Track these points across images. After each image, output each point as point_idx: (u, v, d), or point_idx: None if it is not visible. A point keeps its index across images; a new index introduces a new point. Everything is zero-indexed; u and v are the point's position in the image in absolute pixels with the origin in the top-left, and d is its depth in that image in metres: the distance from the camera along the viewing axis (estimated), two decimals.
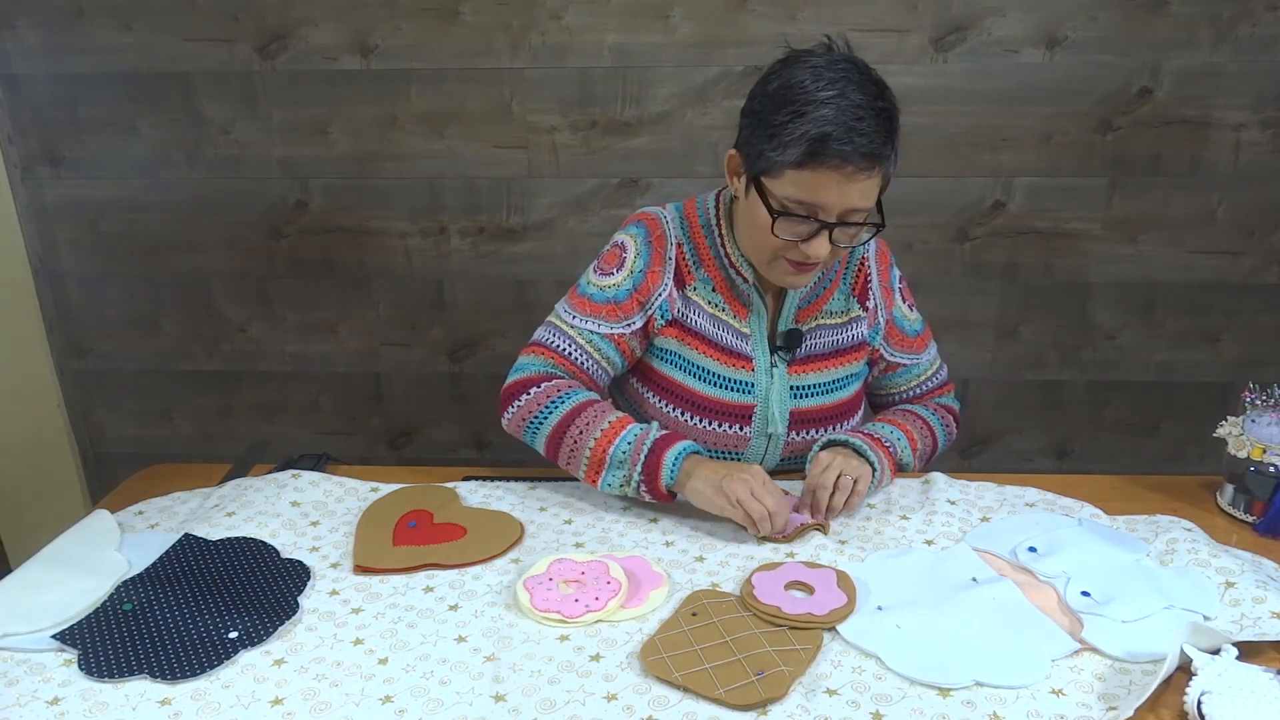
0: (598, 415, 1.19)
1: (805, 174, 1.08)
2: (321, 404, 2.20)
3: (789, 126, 1.07)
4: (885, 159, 1.10)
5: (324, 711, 0.88)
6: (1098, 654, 0.93)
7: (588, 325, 1.26)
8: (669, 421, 1.29)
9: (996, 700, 0.88)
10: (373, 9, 1.87)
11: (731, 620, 0.98)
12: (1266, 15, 1.79)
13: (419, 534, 1.15)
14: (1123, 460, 2.13)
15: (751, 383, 1.27)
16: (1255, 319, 2.01)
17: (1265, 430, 1.17)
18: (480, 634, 0.98)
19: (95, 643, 0.95)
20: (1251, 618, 0.95)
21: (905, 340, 1.36)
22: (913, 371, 1.38)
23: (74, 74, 1.95)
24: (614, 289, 1.26)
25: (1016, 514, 1.19)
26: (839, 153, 1.06)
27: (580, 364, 1.26)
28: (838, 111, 1.05)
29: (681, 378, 1.28)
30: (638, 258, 1.26)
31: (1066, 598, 1.01)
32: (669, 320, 1.27)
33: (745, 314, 1.27)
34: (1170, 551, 1.08)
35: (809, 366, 1.29)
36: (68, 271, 2.11)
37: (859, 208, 1.11)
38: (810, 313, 1.29)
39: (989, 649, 0.94)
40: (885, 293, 1.33)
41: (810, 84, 1.07)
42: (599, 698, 0.89)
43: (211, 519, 1.18)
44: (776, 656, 0.92)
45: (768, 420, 1.27)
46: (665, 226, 1.28)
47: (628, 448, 1.16)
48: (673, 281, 1.26)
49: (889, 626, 0.97)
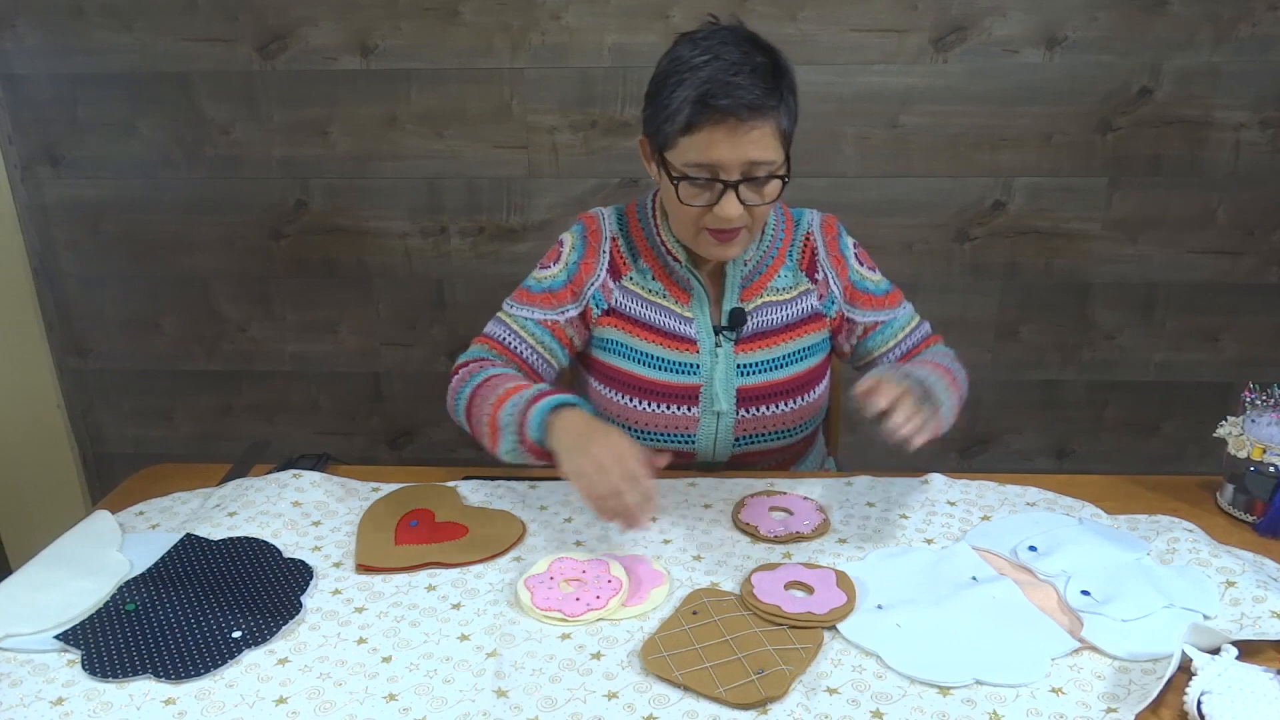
0: (498, 383, 1.21)
1: (695, 136, 1.11)
2: (321, 404, 2.20)
3: (673, 96, 1.12)
4: (771, 109, 1.11)
5: (328, 710, 0.88)
6: (1097, 653, 0.93)
7: (524, 313, 1.32)
8: (618, 409, 1.32)
9: (996, 699, 0.88)
10: (373, 9, 1.88)
11: (732, 619, 0.98)
12: (1266, 15, 1.79)
13: (420, 533, 1.15)
14: (1123, 460, 2.13)
15: (696, 363, 1.29)
16: (1255, 319, 2.01)
17: (1265, 430, 1.17)
18: (483, 631, 0.98)
19: (99, 643, 0.95)
20: (1252, 617, 0.96)
21: (874, 300, 1.35)
22: (893, 326, 1.36)
23: (74, 74, 1.95)
24: (550, 279, 1.32)
25: (1017, 513, 1.20)
26: (719, 107, 1.08)
27: (518, 351, 1.31)
28: (713, 71, 1.09)
29: (626, 365, 1.31)
30: (572, 250, 1.33)
31: (1066, 597, 1.01)
32: (605, 310, 1.32)
33: (686, 299, 1.30)
34: (1171, 551, 1.08)
35: (757, 343, 1.30)
36: (68, 271, 2.11)
37: (758, 160, 1.12)
38: (755, 291, 1.30)
39: (989, 648, 0.94)
40: (835, 261, 1.33)
41: (688, 54, 1.12)
42: (600, 696, 0.89)
43: (213, 519, 1.18)
44: (777, 655, 0.92)
45: (713, 399, 1.29)
46: (601, 223, 1.34)
47: (513, 409, 1.16)
48: (606, 273, 1.31)
49: (889, 625, 0.97)
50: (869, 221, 1.97)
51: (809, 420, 1.36)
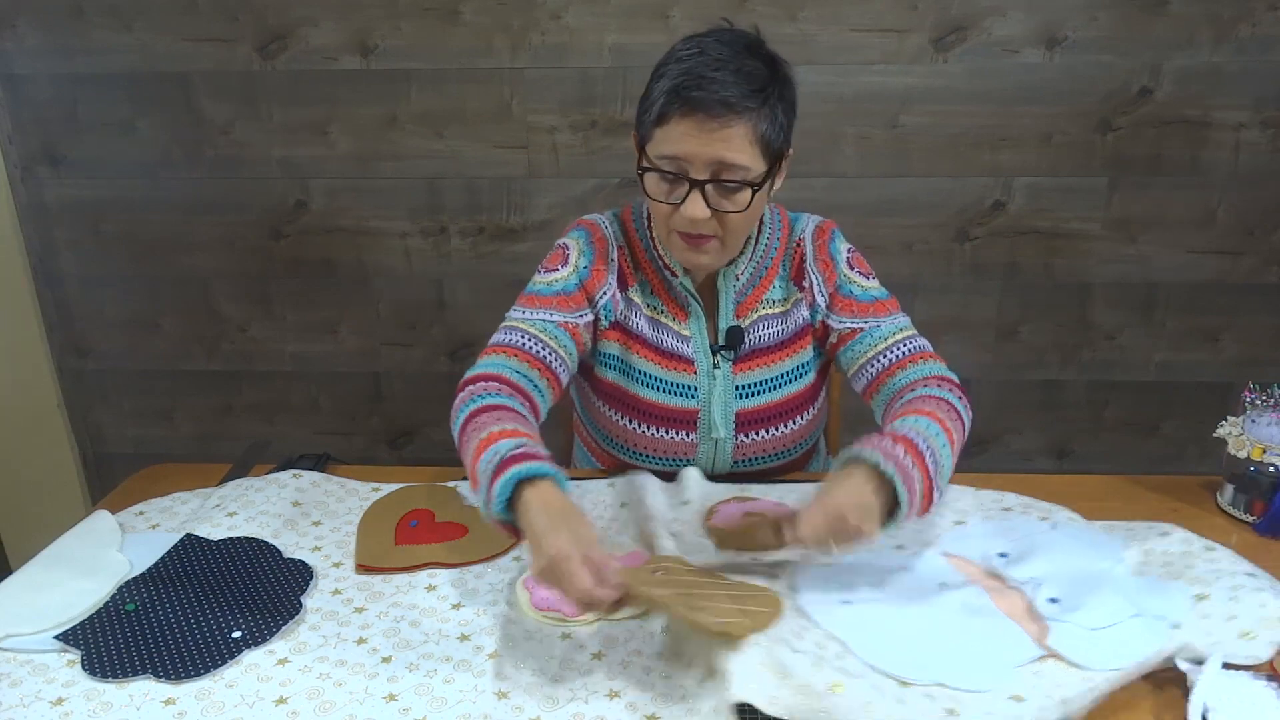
0: (482, 425, 1.03)
1: (667, 128, 1.07)
2: (321, 404, 2.20)
3: (654, 87, 1.09)
4: (748, 110, 1.05)
5: (329, 710, 0.88)
6: (1061, 660, 0.92)
7: (540, 315, 1.21)
8: (618, 430, 1.28)
9: (955, 699, 0.87)
10: (373, 9, 1.88)
11: (694, 582, 0.97)
12: (1266, 15, 1.79)
13: (420, 533, 1.15)
14: (1123, 460, 2.13)
15: (694, 386, 1.24)
16: (1255, 319, 2.01)
17: (1265, 430, 1.17)
18: (483, 632, 0.98)
19: (98, 643, 0.95)
20: (1220, 637, 0.93)
21: (856, 306, 1.25)
22: (872, 335, 1.23)
23: (74, 74, 1.95)
24: (561, 282, 1.24)
25: (991, 519, 1.18)
26: (690, 99, 1.04)
27: (536, 354, 1.18)
28: (694, 65, 1.06)
29: (625, 383, 1.26)
30: (580, 255, 1.25)
31: (1035, 604, 0.99)
32: (612, 323, 1.26)
33: (684, 316, 1.25)
34: (1146, 561, 1.06)
35: (755, 362, 1.25)
36: (68, 271, 2.11)
37: (728, 162, 1.06)
38: (750, 306, 1.25)
39: (952, 652, 0.93)
40: (823, 265, 1.26)
41: (680, 49, 1.09)
42: (601, 695, 0.89)
43: (213, 519, 1.18)
44: (738, 611, 0.92)
45: (710, 426, 1.24)
46: (605, 230, 1.27)
47: (485, 469, 0.97)
48: (616, 283, 1.25)
49: (855, 618, 0.97)
50: (869, 221, 1.97)
51: (808, 438, 1.32)
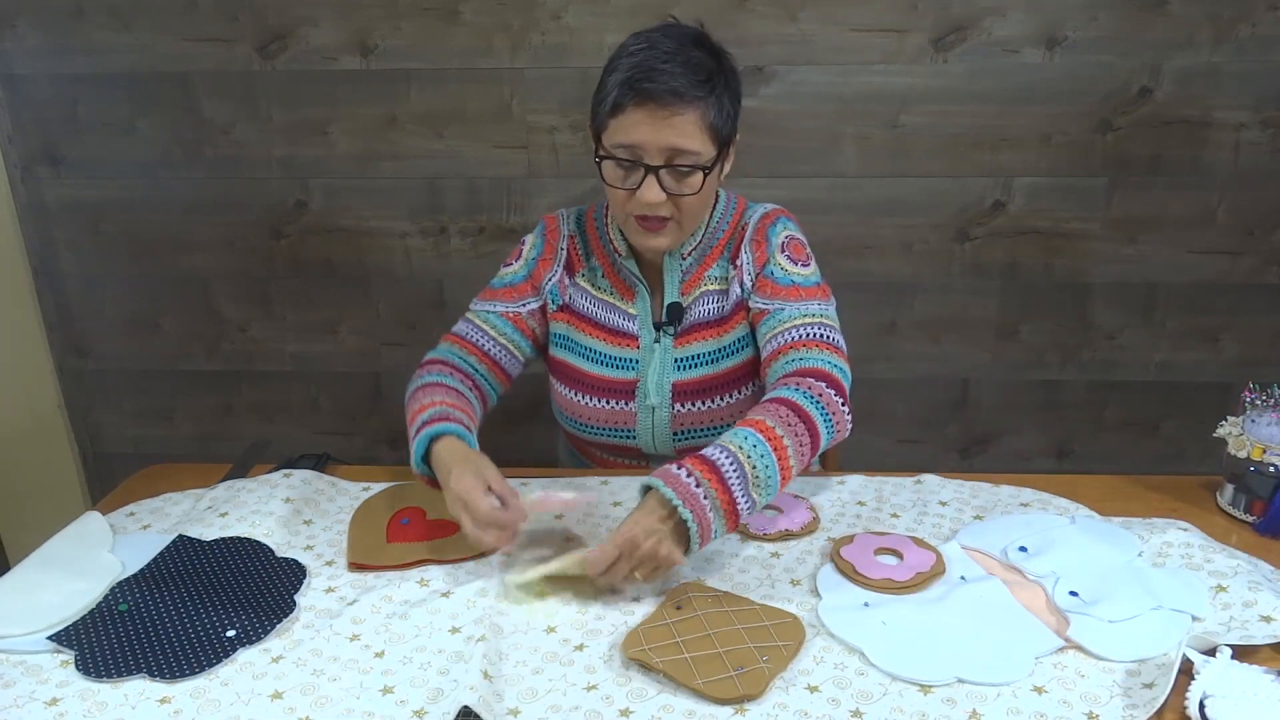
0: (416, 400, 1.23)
1: (621, 119, 1.16)
2: (321, 404, 2.20)
3: (607, 80, 1.18)
4: (697, 99, 1.14)
5: (324, 705, 0.88)
6: (1082, 652, 0.93)
7: (487, 308, 1.37)
8: (566, 404, 1.39)
9: (977, 697, 0.87)
10: (373, 9, 1.88)
11: (715, 614, 0.98)
12: (1266, 15, 1.79)
13: (412, 530, 1.15)
14: (1123, 460, 2.12)
15: (635, 359, 1.33)
16: (1255, 319, 2.01)
17: (1265, 430, 1.17)
18: (473, 622, 0.99)
19: (92, 643, 0.95)
20: (1240, 620, 0.95)
21: (774, 288, 1.28)
22: (778, 316, 1.25)
23: (74, 74, 1.95)
24: (512, 275, 1.38)
25: (1010, 514, 1.19)
26: (642, 90, 1.13)
27: (481, 345, 1.35)
28: (645, 58, 1.15)
29: (573, 359, 1.37)
30: (532, 248, 1.38)
31: (1054, 597, 1.00)
32: (560, 305, 1.37)
33: (631, 296, 1.35)
34: (1163, 555, 1.07)
35: (694, 337, 1.33)
36: (68, 271, 2.11)
37: (680, 148, 1.15)
38: (693, 284, 1.33)
39: (973, 646, 0.94)
40: (756, 245, 1.31)
41: (630, 44, 1.19)
42: (580, 688, 0.90)
43: (204, 520, 1.18)
44: (757, 652, 0.92)
45: (646, 393, 1.32)
46: (561, 222, 1.40)
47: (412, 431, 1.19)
48: (562, 269, 1.37)
49: (874, 622, 0.97)
50: (869, 221, 1.96)
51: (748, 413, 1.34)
